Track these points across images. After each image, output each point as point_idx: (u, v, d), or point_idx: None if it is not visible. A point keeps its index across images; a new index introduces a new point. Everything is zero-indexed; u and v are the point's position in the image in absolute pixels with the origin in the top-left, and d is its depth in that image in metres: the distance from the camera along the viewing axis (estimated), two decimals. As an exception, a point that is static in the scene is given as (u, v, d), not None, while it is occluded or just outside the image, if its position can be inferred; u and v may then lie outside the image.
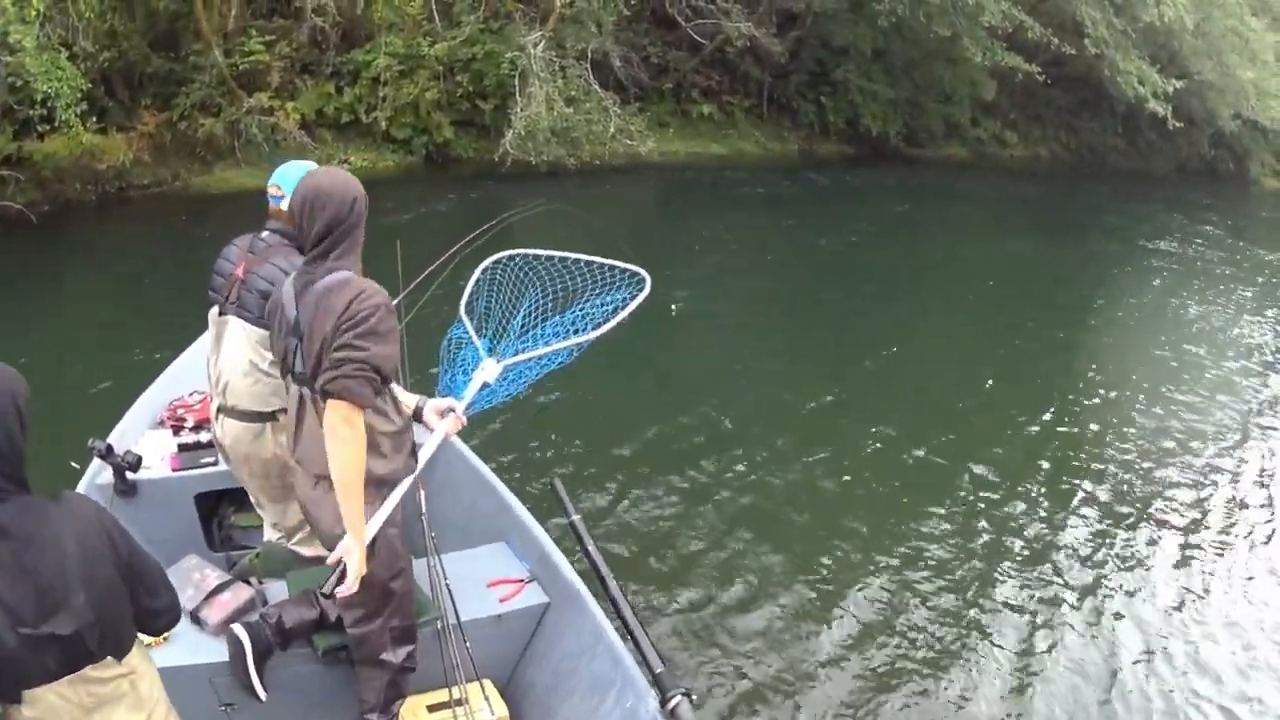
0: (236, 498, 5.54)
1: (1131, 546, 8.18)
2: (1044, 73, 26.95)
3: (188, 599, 4.32)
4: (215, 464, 5.37)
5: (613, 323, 4.26)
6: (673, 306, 12.91)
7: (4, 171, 15.24)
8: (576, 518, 4.95)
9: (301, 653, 4.26)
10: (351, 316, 3.57)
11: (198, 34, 17.83)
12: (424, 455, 4.00)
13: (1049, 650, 6.61)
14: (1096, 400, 11.39)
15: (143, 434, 5.77)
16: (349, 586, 3.68)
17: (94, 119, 15.83)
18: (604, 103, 20.70)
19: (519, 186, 19.29)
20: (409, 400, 4.23)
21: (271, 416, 4.50)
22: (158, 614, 3.02)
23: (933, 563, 7.64)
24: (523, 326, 4.32)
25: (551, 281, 4.41)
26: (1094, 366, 12.54)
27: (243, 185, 16.89)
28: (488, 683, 4.50)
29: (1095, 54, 26.36)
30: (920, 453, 9.52)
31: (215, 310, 4.60)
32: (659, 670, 3.97)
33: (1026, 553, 7.91)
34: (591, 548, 4.74)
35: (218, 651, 4.11)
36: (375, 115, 19.66)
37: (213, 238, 4.90)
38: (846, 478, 8.90)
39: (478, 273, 4.48)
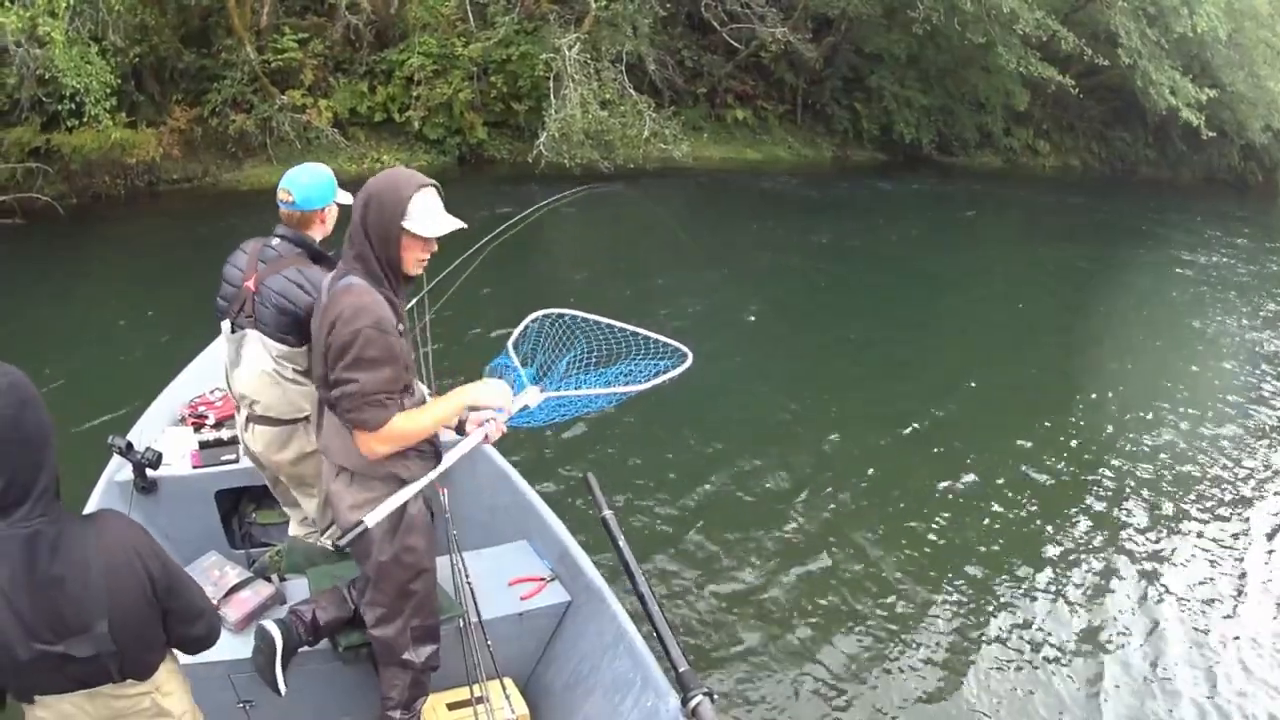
0: (257, 495, 5.52)
1: (1155, 550, 8.08)
2: (1077, 84, 26.86)
3: (208, 594, 4.10)
4: (236, 461, 5.34)
5: (654, 383, 4.22)
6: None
7: (33, 164, 15.01)
8: (609, 513, 4.76)
9: (321, 650, 4.23)
10: (335, 344, 3.54)
11: (230, 30, 17.59)
12: (457, 454, 3.91)
13: (1098, 678, 6.38)
14: (1127, 408, 11.16)
15: (163, 431, 5.71)
16: (493, 432, 3.87)
17: (124, 114, 15.60)
18: (638, 106, 20.39)
19: (553, 188, 18.71)
20: None
21: (304, 418, 4.42)
22: (195, 640, 2.94)
23: (962, 572, 7.53)
24: (566, 369, 4.27)
25: (598, 342, 4.38)
26: (1128, 374, 12.36)
27: (273, 182, 16.18)
28: (508, 681, 4.42)
29: (1128, 64, 26.20)
30: (955, 456, 9.40)
31: (228, 325, 4.50)
32: (682, 669, 3.87)
33: (1076, 565, 7.73)
34: (622, 543, 4.58)
35: (237, 648, 4.08)
36: (409, 115, 19.47)
37: (241, 235, 4.71)
38: (886, 485, 8.76)
39: (527, 320, 4.42)
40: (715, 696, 3.78)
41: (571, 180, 19.03)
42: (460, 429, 4.15)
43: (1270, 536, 8.39)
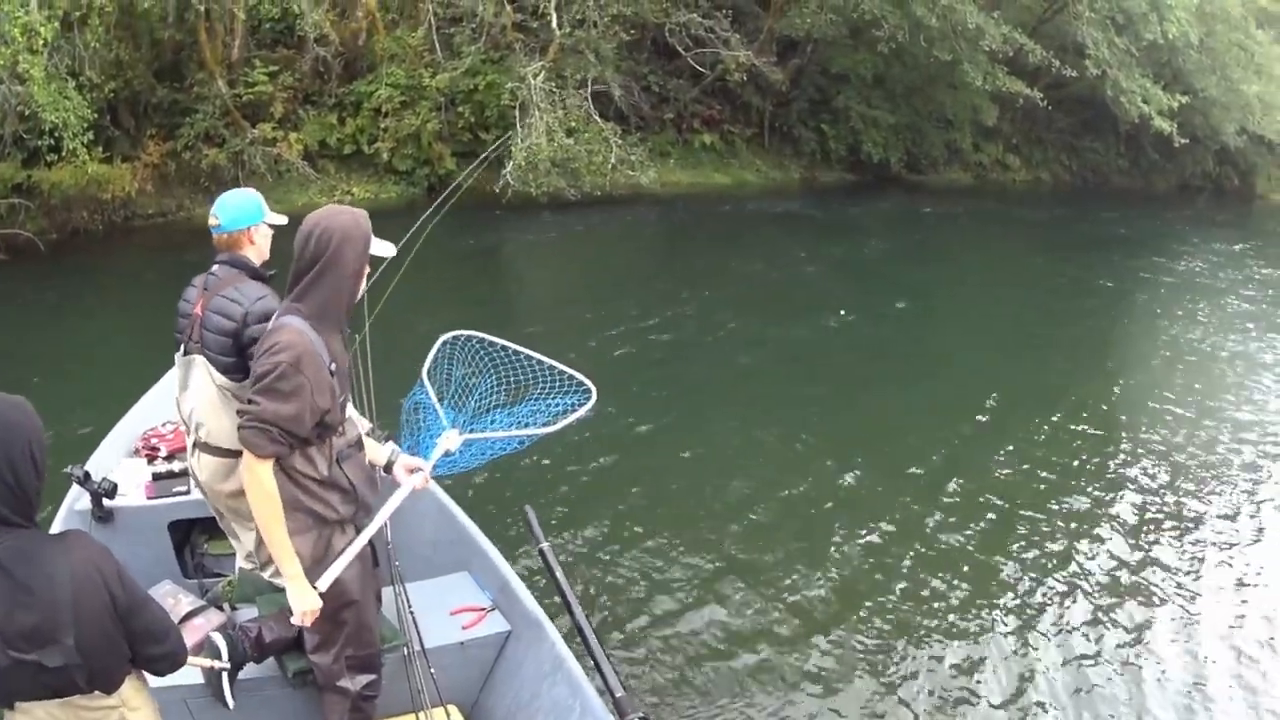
0: (209, 526, 5.68)
1: (1128, 559, 8.38)
2: (1046, 96, 27.50)
3: None
4: (187, 493, 5.59)
5: (560, 425, 4.49)
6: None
7: (14, 200, 15.80)
8: (546, 545, 5.17)
9: (273, 676, 4.48)
10: (257, 371, 3.79)
11: (201, 64, 18.52)
12: (391, 506, 4.23)
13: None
14: (1107, 416, 11.67)
15: (119, 462, 6.00)
16: (295, 618, 3.97)
17: (100, 149, 16.38)
18: (604, 133, 21.17)
19: (520, 217, 20.01)
20: (382, 452, 4.49)
21: None
22: (160, 659, 3.16)
23: (904, 584, 7.81)
24: (477, 408, 4.54)
25: (507, 371, 4.63)
26: (1104, 383, 12.93)
27: None
28: (453, 708, 4.72)
29: (1097, 74, 26.99)
30: (908, 474, 9.70)
31: (180, 350, 4.81)
32: (619, 694, 4.14)
33: (1025, 575, 8.03)
34: (559, 573, 4.94)
35: (193, 674, 4.22)
36: (377, 146, 20.28)
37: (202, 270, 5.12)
38: (825, 504, 9.06)
39: (438, 344, 4.65)
40: None
41: (538, 208, 20.08)
42: (388, 469, 4.44)
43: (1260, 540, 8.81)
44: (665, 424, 10.67)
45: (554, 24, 20.77)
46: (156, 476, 5.72)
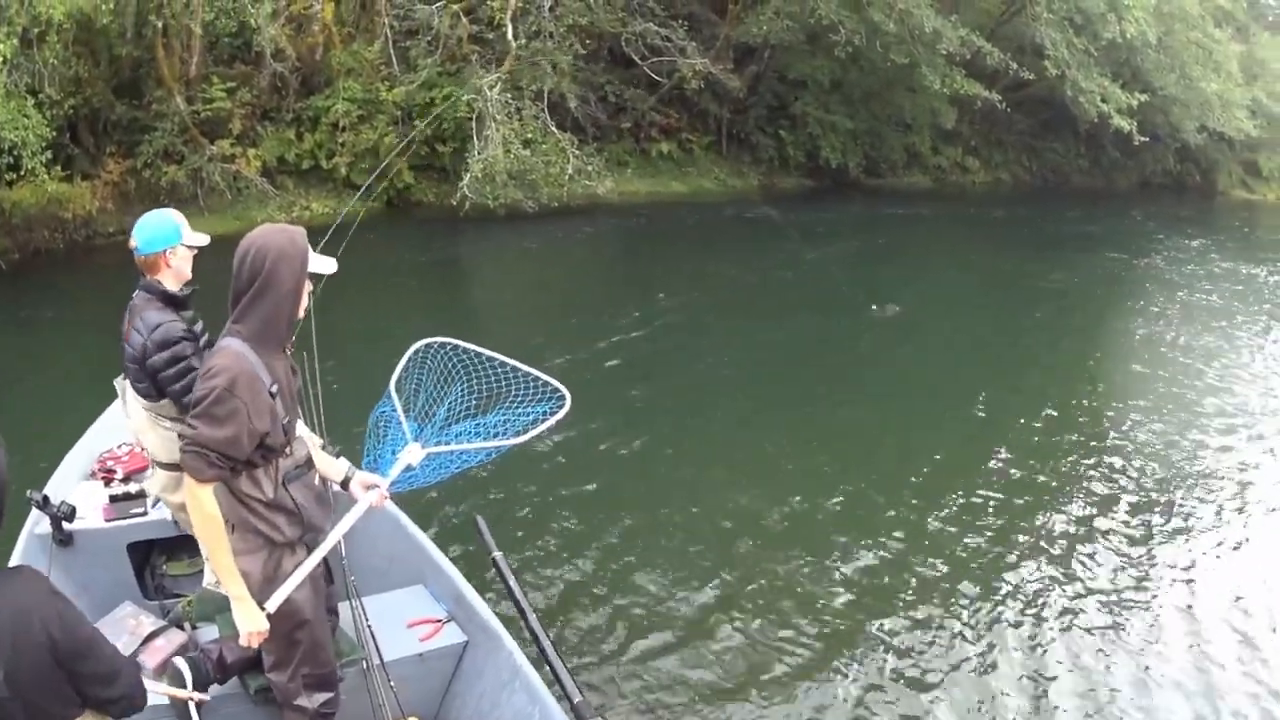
0: (167, 547, 5.87)
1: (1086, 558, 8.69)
2: (1004, 98, 28.37)
3: (124, 644, 4.85)
4: (144, 514, 5.74)
5: (532, 434, 4.49)
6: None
7: (-23, 220, 16.17)
8: (498, 553, 5.29)
9: (236, 694, 4.62)
10: (196, 394, 3.85)
11: (159, 81, 19.03)
12: (347, 524, 4.31)
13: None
14: (1069, 414, 12.16)
15: (77, 485, 6.08)
16: (243, 639, 4.04)
17: (60, 167, 16.87)
18: (561, 144, 21.78)
19: (479, 230, 20.63)
20: (338, 469, 4.51)
21: None
22: (113, 701, 3.12)
23: (862, 585, 8.04)
24: (447, 418, 4.54)
25: (479, 379, 4.62)
26: (1082, 381, 13.56)
27: (205, 233, 17.44)
28: None
29: (1056, 75, 27.97)
30: (873, 477, 10.06)
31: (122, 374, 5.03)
32: (576, 700, 4.28)
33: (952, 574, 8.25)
34: (513, 582, 5.08)
35: (156, 695, 4.25)
36: (335, 161, 20.87)
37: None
38: (784, 509, 9.28)
39: (409, 353, 4.65)
40: None
41: (496, 221, 20.71)
42: (345, 485, 4.47)
43: (1222, 539, 9.14)
44: (620, 431, 10.90)
45: (510, 35, 21.28)
46: (114, 499, 5.81)
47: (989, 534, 8.99)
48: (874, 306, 16.19)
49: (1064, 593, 8.10)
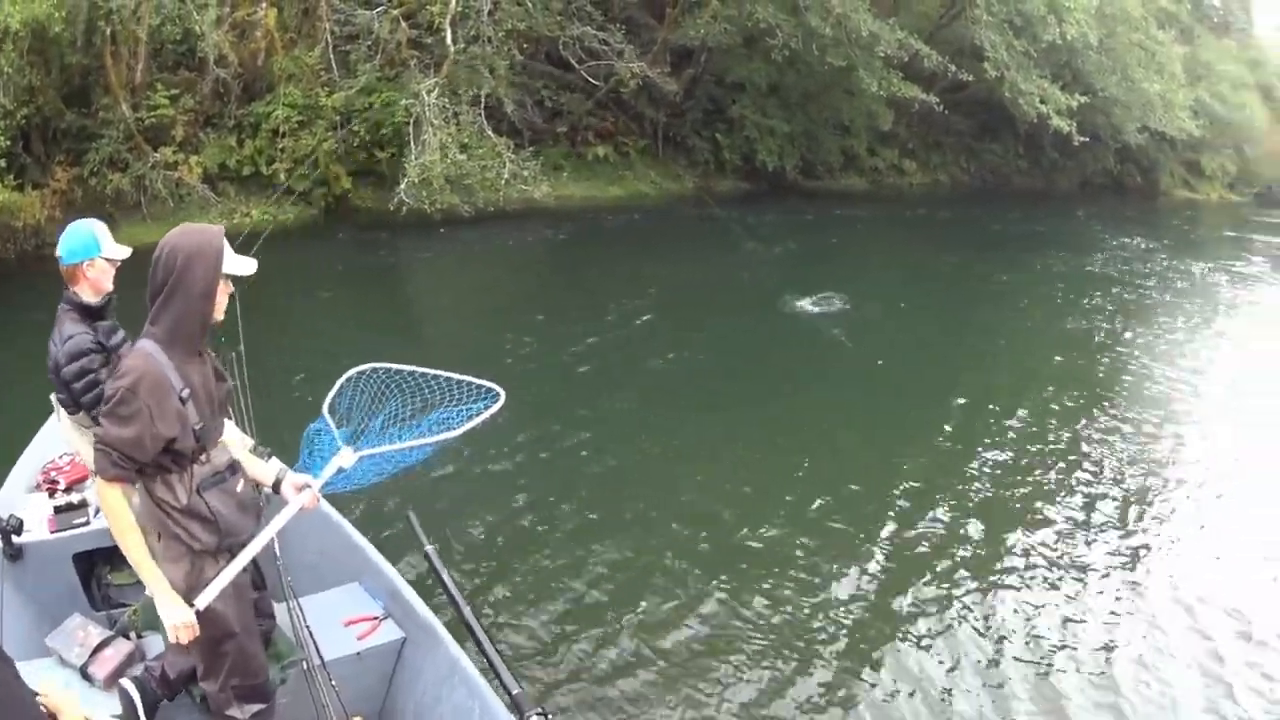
0: (111, 556, 5.84)
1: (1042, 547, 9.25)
2: (943, 100, 29.69)
3: (74, 656, 4.97)
4: (87, 523, 5.82)
5: (467, 427, 4.52)
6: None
7: (-68, 230, 16.98)
8: (430, 548, 5.29)
9: (185, 703, 4.68)
10: (105, 393, 3.95)
11: (107, 88, 19.93)
12: (276, 526, 4.32)
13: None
14: (1003, 414, 12.81)
15: (22, 497, 6.15)
16: (170, 635, 4.09)
17: (12, 176, 17.73)
18: (497, 148, 22.67)
19: (416, 234, 21.70)
20: (269, 471, 4.55)
21: None
22: None
23: (797, 572, 8.47)
24: (382, 427, 4.55)
25: (415, 395, 4.64)
26: (1004, 383, 14.35)
27: (148, 242, 16.04)
28: None
29: (995, 76, 29.18)
30: (803, 472, 10.59)
31: None
32: (515, 692, 4.32)
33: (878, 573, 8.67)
34: (445, 575, 5.08)
35: (108, 705, 4.46)
36: (275, 167, 21.75)
37: (118, 297, 5.50)
38: (718, 500, 9.81)
39: (342, 380, 4.64)
40: (550, 716, 4.21)
41: (433, 226, 21.76)
42: (276, 488, 4.49)
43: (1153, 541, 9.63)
44: (557, 428, 11.39)
45: (449, 40, 22.10)
46: (58, 509, 5.91)
47: (939, 528, 9.48)
48: (808, 303, 17.21)
49: (1016, 582, 8.55)
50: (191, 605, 4.04)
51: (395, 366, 4.68)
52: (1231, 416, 13.41)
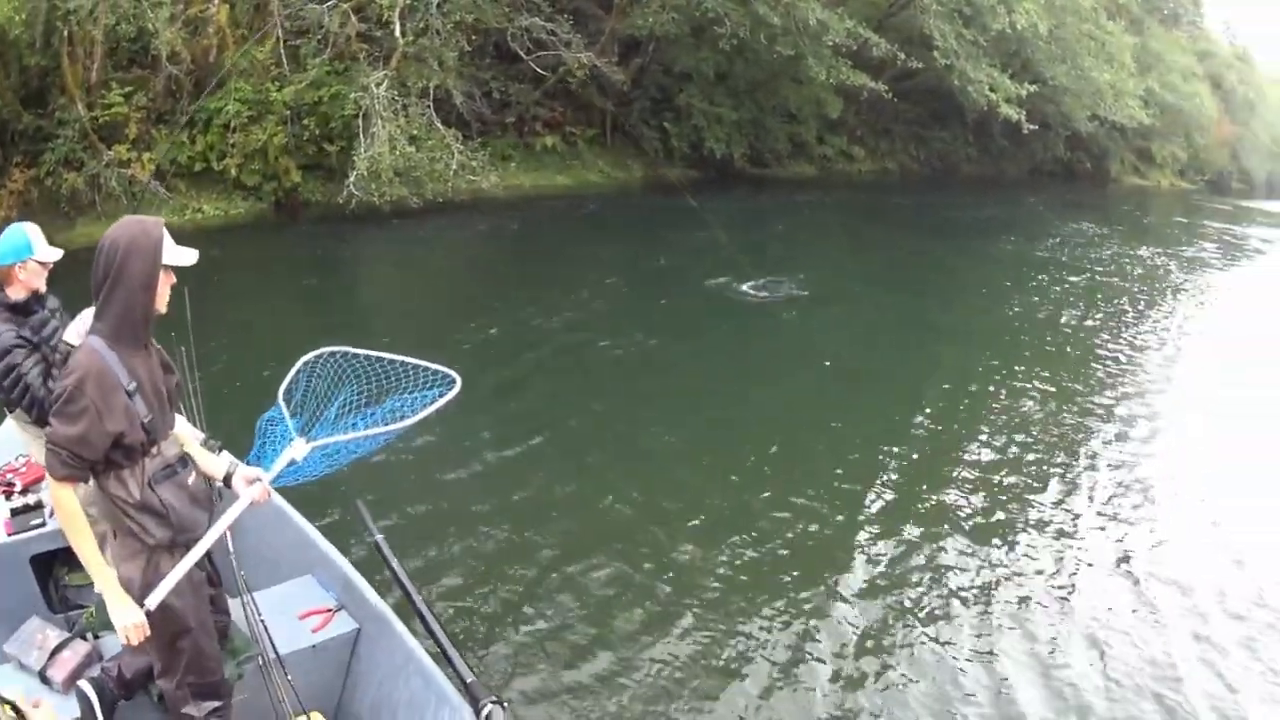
0: (68, 558, 5.82)
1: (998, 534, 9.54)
2: (892, 88, 30.38)
3: (33, 660, 4.97)
4: (43, 525, 5.80)
5: (422, 414, 4.52)
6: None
7: (-109, 235, 17.75)
8: (379, 537, 5.40)
9: (144, 701, 4.71)
10: (55, 391, 3.97)
11: (63, 89, 20.38)
12: (227, 520, 4.32)
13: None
14: (954, 400, 13.24)
15: None
16: (120, 636, 4.11)
17: None
18: (446, 140, 23.33)
19: (364, 228, 22.25)
20: (219, 465, 4.56)
21: None
22: None
23: (740, 552, 8.66)
24: (337, 415, 4.53)
25: (371, 380, 4.63)
26: (955, 368, 14.69)
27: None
28: (316, 714, 4.90)
29: (945, 65, 29.96)
30: (749, 465, 10.76)
31: None
32: (470, 680, 4.38)
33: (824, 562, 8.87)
34: (396, 565, 5.19)
35: (69, 708, 4.44)
36: (226, 162, 22.30)
37: (73, 298, 5.36)
38: (668, 492, 9.98)
39: (299, 364, 4.63)
40: (507, 704, 4.27)
41: (383, 218, 22.36)
42: (227, 481, 4.50)
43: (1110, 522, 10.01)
44: (508, 416, 11.58)
45: (398, 33, 22.64)
46: (14, 512, 5.87)
47: (897, 514, 9.78)
48: (751, 286, 17.70)
49: (968, 566, 8.85)
50: (142, 605, 4.06)
51: (353, 350, 4.70)
52: (1180, 396, 14.17)
